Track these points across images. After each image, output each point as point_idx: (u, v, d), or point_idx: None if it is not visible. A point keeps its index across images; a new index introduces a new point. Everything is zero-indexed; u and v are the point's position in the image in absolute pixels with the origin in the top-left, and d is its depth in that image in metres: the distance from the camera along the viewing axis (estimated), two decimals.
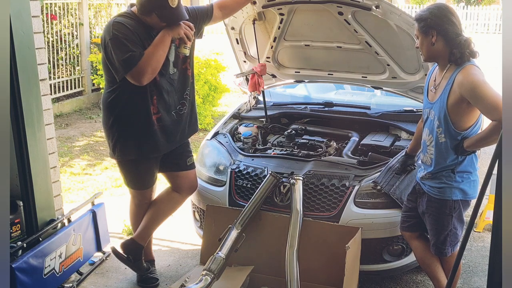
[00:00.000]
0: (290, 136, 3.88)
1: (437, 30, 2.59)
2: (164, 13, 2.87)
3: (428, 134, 2.76)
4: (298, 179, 3.16)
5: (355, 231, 2.96)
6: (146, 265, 3.41)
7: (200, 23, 3.23)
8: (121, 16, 2.98)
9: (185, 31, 2.97)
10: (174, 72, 3.12)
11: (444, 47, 2.61)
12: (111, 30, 2.87)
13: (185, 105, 3.22)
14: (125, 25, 2.89)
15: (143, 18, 2.95)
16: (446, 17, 2.60)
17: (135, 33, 2.90)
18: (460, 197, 2.71)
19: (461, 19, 2.80)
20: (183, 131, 3.28)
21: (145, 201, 3.40)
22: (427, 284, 3.41)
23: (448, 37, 2.59)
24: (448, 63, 2.64)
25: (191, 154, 3.43)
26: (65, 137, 6.94)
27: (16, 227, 3.14)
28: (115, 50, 2.85)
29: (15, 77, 3.00)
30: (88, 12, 8.83)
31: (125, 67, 2.86)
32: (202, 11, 3.25)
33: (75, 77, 8.64)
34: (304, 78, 4.39)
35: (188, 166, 3.38)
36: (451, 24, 2.59)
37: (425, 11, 2.65)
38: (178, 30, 2.96)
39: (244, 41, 4.17)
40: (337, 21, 3.61)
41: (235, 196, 3.34)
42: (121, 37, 2.84)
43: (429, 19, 2.60)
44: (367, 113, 4.05)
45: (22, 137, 3.11)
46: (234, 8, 3.45)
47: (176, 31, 2.96)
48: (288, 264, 2.95)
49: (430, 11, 2.62)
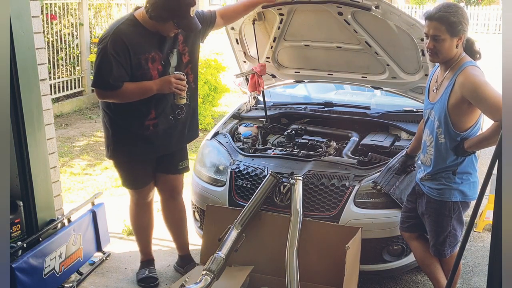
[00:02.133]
0: (290, 136, 3.88)
1: (465, 33, 2.57)
2: (182, 22, 2.90)
3: (428, 134, 2.76)
4: (298, 179, 3.16)
5: (355, 231, 2.96)
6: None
7: (205, 27, 3.24)
8: (124, 24, 2.94)
9: (175, 86, 2.97)
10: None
11: (461, 48, 2.61)
12: (108, 39, 2.87)
13: (183, 110, 3.21)
14: (122, 39, 2.87)
15: (153, 24, 2.92)
16: (468, 19, 2.60)
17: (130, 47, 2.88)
18: (459, 199, 2.71)
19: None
20: (181, 136, 3.27)
21: (143, 201, 3.40)
22: (427, 284, 3.41)
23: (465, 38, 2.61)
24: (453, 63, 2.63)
25: (185, 158, 3.41)
26: (65, 137, 6.94)
27: (16, 227, 3.14)
28: (99, 62, 2.90)
29: (15, 77, 3.00)
30: (88, 12, 8.83)
31: (96, 82, 2.94)
32: (207, 17, 3.27)
33: (75, 77, 8.64)
34: (304, 78, 4.39)
35: (177, 170, 3.37)
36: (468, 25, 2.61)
37: (455, 13, 2.53)
38: (168, 87, 2.96)
39: (244, 41, 4.17)
40: (336, 21, 3.61)
41: (235, 196, 3.34)
42: (110, 55, 2.85)
43: (461, 22, 2.54)
44: (367, 113, 4.05)
45: (22, 137, 3.11)
46: (233, 17, 3.50)
47: (166, 87, 2.97)
48: (288, 264, 2.95)
49: (460, 13, 2.54)
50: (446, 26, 2.53)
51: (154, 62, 3.00)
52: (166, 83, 2.97)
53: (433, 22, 2.56)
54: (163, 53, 3.04)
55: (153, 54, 2.99)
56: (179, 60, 3.13)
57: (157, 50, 3.01)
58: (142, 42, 2.95)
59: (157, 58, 3.01)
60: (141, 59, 2.95)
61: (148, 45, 2.97)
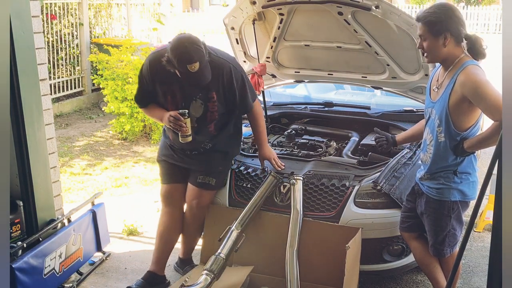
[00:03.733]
0: (290, 136, 3.88)
1: (451, 32, 2.55)
2: (183, 74, 2.93)
3: (429, 133, 2.76)
4: (298, 179, 3.17)
5: (355, 231, 2.96)
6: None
7: (238, 111, 3.30)
8: (156, 53, 3.09)
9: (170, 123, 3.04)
10: (194, 125, 3.14)
11: (454, 48, 2.59)
12: (145, 62, 3.18)
13: (201, 151, 3.25)
14: (151, 66, 3.08)
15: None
16: (457, 17, 2.57)
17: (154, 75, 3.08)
18: (458, 198, 2.71)
19: None
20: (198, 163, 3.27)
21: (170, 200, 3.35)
22: (427, 284, 3.41)
23: (459, 37, 2.57)
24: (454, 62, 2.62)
25: (206, 174, 3.26)
26: (65, 137, 6.95)
27: (16, 227, 3.13)
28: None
29: (15, 77, 3.00)
30: (88, 12, 8.83)
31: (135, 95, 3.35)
32: (243, 105, 3.23)
33: (75, 77, 8.64)
34: (304, 78, 4.39)
35: (196, 182, 3.27)
36: (462, 24, 2.58)
37: (434, 13, 2.56)
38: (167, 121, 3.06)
39: (244, 41, 4.17)
40: (337, 21, 3.61)
41: (235, 196, 3.34)
42: (141, 74, 3.18)
43: (441, 21, 2.54)
44: (367, 113, 4.05)
45: (22, 137, 3.10)
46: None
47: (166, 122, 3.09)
48: (288, 264, 2.95)
49: (441, 12, 2.55)
50: (426, 27, 2.58)
51: (174, 98, 3.11)
52: (166, 117, 3.07)
53: (418, 23, 2.63)
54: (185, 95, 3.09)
55: (172, 90, 3.09)
56: (204, 115, 3.14)
57: (178, 88, 3.08)
58: (166, 76, 3.02)
59: (177, 97, 3.11)
60: (162, 89, 3.11)
61: (171, 80, 3.03)
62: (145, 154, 6.35)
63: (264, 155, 3.34)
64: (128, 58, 6.67)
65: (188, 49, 2.83)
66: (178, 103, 3.10)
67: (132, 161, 6.06)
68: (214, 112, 3.14)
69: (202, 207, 3.30)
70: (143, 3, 10.67)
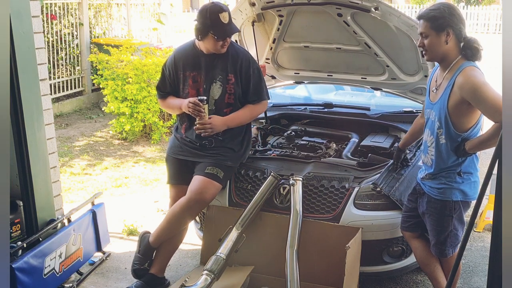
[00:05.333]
0: (290, 137, 3.87)
1: (453, 28, 2.56)
2: (216, 30, 3.07)
3: (429, 135, 2.76)
4: (297, 180, 3.16)
5: (355, 231, 2.96)
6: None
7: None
8: (184, 45, 3.35)
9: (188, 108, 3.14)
10: (212, 108, 3.21)
11: (455, 46, 2.60)
12: (171, 54, 3.38)
13: (212, 143, 3.26)
14: (175, 56, 3.31)
15: (201, 44, 3.19)
16: (459, 15, 2.59)
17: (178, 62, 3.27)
18: (460, 198, 2.71)
19: None
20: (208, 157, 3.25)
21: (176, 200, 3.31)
22: (427, 284, 3.42)
23: (460, 36, 2.59)
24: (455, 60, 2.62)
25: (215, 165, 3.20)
26: (65, 137, 6.95)
27: (16, 227, 3.14)
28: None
29: (15, 77, 3.01)
30: (88, 12, 8.83)
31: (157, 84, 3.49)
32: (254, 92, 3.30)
33: (75, 77, 8.64)
34: (304, 79, 4.39)
35: (204, 173, 3.17)
36: (463, 22, 2.60)
37: (437, 9, 2.58)
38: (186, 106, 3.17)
39: (244, 43, 4.17)
40: (336, 23, 3.62)
41: (235, 197, 3.34)
42: (164, 66, 3.38)
43: (444, 17, 2.55)
44: (366, 114, 4.05)
45: (22, 137, 3.11)
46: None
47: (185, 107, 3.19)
48: (288, 264, 2.95)
49: (444, 9, 2.57)
50: (429, 22, 2.59)
51: (196, 82, 3.24)
52: (185, 102, 3.18)
53: (420, 20, 2.64)
54: (208, 76, 3.21)
55: (195, 73, 3.23)
56: (222, 96, 3.23)
57: (201, 71, 3.22)
58: (191, 61, 3.24)
59: (199, 80, 3.23)
60: (185, 74, 3.25)
61: (195, 64, 3.23)
62: (145, 154, 6.35)
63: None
64: (128, 58, 6.67)
65: (216, 3, 3.14)
66: (200, 85, 3.23)
67: (132, 161, 6.06)
68: (231, 95, 3.23)
69: (203, 203, 3.15)
70: (143, 3, 10.67)
